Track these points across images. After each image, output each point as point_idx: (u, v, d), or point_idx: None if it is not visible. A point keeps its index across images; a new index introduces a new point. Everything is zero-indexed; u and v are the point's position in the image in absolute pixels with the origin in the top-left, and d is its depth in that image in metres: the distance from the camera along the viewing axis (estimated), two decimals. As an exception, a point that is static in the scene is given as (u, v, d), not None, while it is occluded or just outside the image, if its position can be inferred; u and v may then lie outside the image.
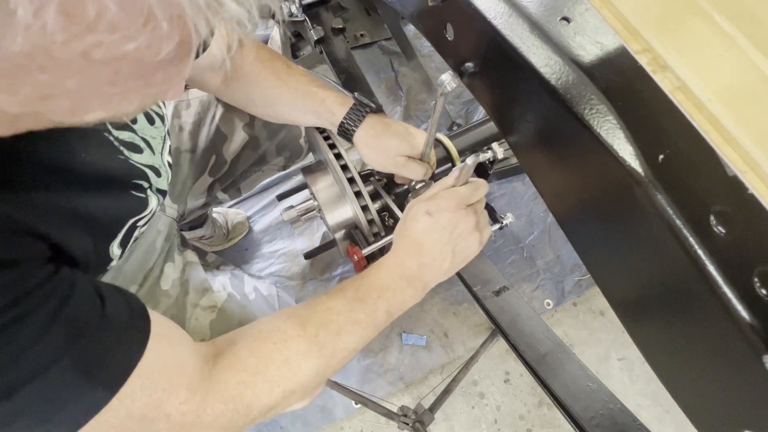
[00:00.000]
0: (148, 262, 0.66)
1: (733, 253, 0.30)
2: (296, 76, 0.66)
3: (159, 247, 0.69)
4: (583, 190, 0.43)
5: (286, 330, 0.50)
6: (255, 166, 0.89)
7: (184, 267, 0.72)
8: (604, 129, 0.36)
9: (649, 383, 1.19)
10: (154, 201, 0.53)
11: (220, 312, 0.70)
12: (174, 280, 0.69)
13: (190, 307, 0.69)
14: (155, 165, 0.54)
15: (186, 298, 0.69)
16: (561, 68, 0.39)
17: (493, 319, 0.80)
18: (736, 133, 0.33)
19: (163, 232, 0.71)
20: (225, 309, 0.70)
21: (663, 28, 0.39)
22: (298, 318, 0.52)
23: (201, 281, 0.72)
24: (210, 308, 0.70)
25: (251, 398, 0.45)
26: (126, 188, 0.49)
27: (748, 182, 0.31)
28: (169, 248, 0.72)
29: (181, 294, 0.69)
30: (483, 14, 0.44)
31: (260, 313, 0.74)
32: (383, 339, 1.22)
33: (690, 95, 0.35)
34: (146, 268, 0.66)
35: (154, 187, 0.54)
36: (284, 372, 0.48)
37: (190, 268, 0.73)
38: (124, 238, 0.51)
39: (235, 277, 0.77)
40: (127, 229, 0.50)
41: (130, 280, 0.63)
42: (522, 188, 1.42)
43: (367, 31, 1.58)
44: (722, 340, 0.32)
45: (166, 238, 0.72)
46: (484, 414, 1.16)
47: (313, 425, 1.13)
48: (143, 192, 0.51)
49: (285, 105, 0.67)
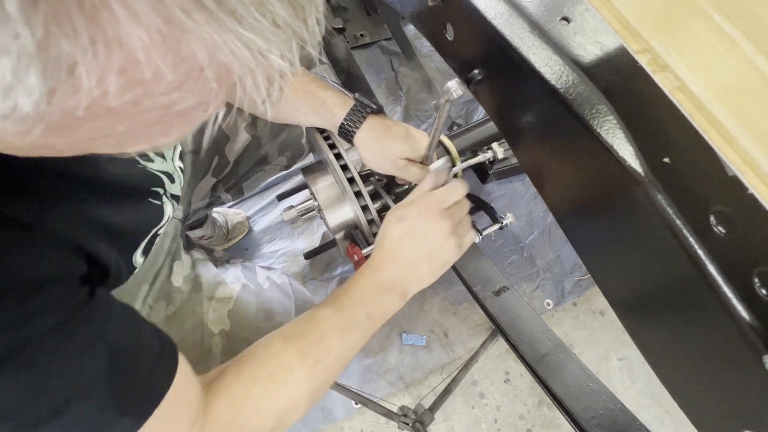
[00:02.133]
0: (156, 262, 0.66)
1: (733, 253, 0.30)
2: (298, 77, 0.65)
3: (167, 248, 0.69)
4: (583, 190, 0.43)
5: (268, 347, 0.50)
6: (257, 166, 0.89)
7: (193, 263, 0.73)
8: (604, 129, 0.36)
9: (649, 383, 1.19)
10: (170, 208, 0.53)
11: (236, 302, 0.70)
12: (185, 277, 0.69)
13: (206, 301, 0.69)
14: (168, 171, 0.54)
15: (200, 293, 0.69)
16: (561, 68, 0.39)
17: (493, 319, 0.80)
18: (736, 133, 0.33)
19: (170, 233, 0.71)
20: (241, 299, 0.70)
21: (663, 28, 0.39)
22: (281, 334, 0.52)
23: (213, 275, 0.72)
24: (226, 299, 0.70)
25: (243, 423, 0.45)
26: (144, 197, 0.49)
27: (748, 182, 0.31)
28: (176, 248, 0.72)
29: (193, 289, 0.69)
30: (483, 14, 0.44)
31: (276, 299, 0.74)
32: (383, 339, 1.22)
33: (690, 95, 0.35)
34: (156, 268, 0.66)
35: (169, 193, 0.54)
36: (271, 389, 0.47)
37: (199, 264, 0.73)
38: (147, 246, 0.51)
39: (247, 268, 0.77)
40: (149, 238, 0.51)
41: (141, 279, 0.63)
42: (522, 188, 1.42)
43: (367, 31, 1.58)
44: (722, 340, 0.32)
45: (172, 239, 0.72)
46: (484, 414, 1.16)
47: (313, 425, 1.13)
48: (159, 199, 0.52)
49: (286, 105, 0.67)
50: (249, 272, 0.76)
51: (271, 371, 0.48)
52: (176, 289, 0.67)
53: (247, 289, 0.72)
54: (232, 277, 0.73)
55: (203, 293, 0.69)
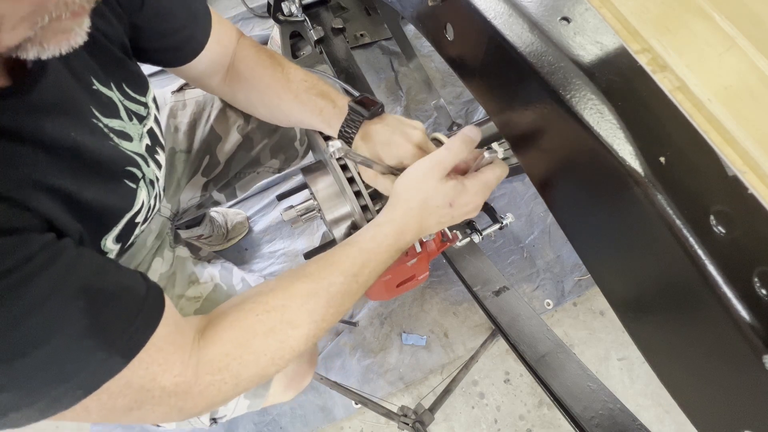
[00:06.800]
0: (136, 257, 0.67)
1: (733, 253, 0.30)
2: (296, 83, 0.65)
3: (149, 244, 0.70)
4: (583, 190, 0.43)
5: (268, 302, 0.50)
6: (249, 167, 0.89)
7: (173, 262, 0.73)
8: (604, 129, 0.36)
9: (649, 383, 1.19)
10: (144, 193, 0.53)
11: (205, 302, 0.70)
12: (161, 274, 0.70)
13: (176, 299, 0.69)
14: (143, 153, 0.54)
15: (172, 290, 0.70)
16: (561, 68, 0.39)
17: (493, 319, 0.80)
18: (736, 133, 0.33)
19: (155, 230, 0.71)
20: (210, 299, 0.71)
21: (663, 28, 0.39)
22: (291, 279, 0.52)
23: (188, 274, 0.73)
24: (195, 298, 0.70)
25: (238, 369, 0.46)
26: (118, 177, 0.49)
27: (748, 182, 0.31)
28: (160, 245, 0.73)
29: (168, 286, 0.70)
30: (483, 14, 0.44)
31: None
32: (383, 339, 1.22)
33: (690, 95, 0.35)
34: (134, 264, 0.67)
35: (147, 178, 0.54)
36: (269, 342, 0.48)
37: (178, 262, 0.74)
38: (122, 233, 0.51)
39: (224, 269, 0.77)
40: (124, 225, 0.50)
41: None
42: (522, 188, 1.42)
43: (367, 31, 1.58)
44: (722, 340, 0.32)
45: (157, 236, 0.72)
46: (484, 414, 1.16)
47: (313, 425, 1.13)
48: (135, 182, 0.51)
49: (284, 113, 0.68)
50: (226, 272, 0.76)
51: (272, 325, 0.48)
52: None
53: (219, 290, 0.72)
54: (207, 276, 0.74)
55: (175, 290, 0.70)
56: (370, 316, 1.25)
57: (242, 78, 0.66)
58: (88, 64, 0.47)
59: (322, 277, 0.52)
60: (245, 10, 1.68)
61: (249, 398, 0.69)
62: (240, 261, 1.31)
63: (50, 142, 0.39)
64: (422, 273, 0.77)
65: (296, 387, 0.74)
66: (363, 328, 1.24)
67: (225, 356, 0.46)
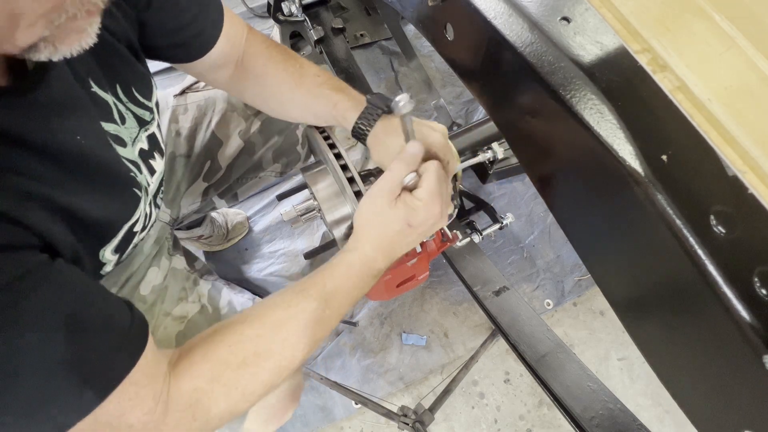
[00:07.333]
0: (133, 265, 0.66)
1: (733, 253, 0.30)
2: (310, 77, 0.64)
3: (147, 250, 0.69)
4: (583, 190, 0.43)
5: (243, 331, 0.49)
6: (251, 172, 0.88)
7: (167, 274, 0.72)
8: (604, 129, 0.36)
9: (649, 383, 1.19)
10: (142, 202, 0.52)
11: (188, 324, 0.69)
12: (154, 286, 0.69)
13: (162, 316, 0.68)
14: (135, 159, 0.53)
15: (161, 306, 0.68)
16: (561, 68, 0.39)
17: (493, 319, 0.80)
18: (736, 133, 0.33)
19: (154, 235, 0.70)
20: (194, 321, 0.69)
21: (663, 28, 0.39)
22: (259, 313, 0.50)
23: (178, 290, 0.71)
24: (180, 319, 0.69)
25: (208, 404, 0.45)
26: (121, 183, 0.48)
27: (748, 182, 0.31)
28: (158, 251, 0.71)
29: (158, 301, 0.68)
30: (483, 14, 0.45)
31: None
32: (383, 339, 1.22)
33: (690, 95, 0.35)
34: (130, 272, 0.65)
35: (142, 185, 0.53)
36: (240, 374, 0.46)
37: (172, 275, 0.72)
38: (121, 244, 0.50)
39: (214, 288, 0.76)
40: (123, 235, 0.49)
41: (111, 282, 0.62)
42: (522, 188, 1.42)
43: (367, 31, 1.58)
44: (722, 340, 0.32)
45: (155, 242, 0.71)
46: (484, 414, 1.16)
47: (313, 425, 1.13)
48: (140, 189, 0.51)
49: (297, 107, 0.67)
50: (215, 292, 0.75)
51: (244, 357, 0.47)
52: (141, 297, 0.66)
53: (204, 312, 0.71)
54: (195, 296, 0.72)
55: (163, 307, 0.68)
56: (370, 316, 1.25)
57: (253, 73, 0.65)
58: (87, 64, 0.46)
59: (294, 304, 0.50)
60: (245, 10, 1.68)
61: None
62: (240, 261, 1.31)
63: (56, 145, 0.38)
64: (422, 273, 0.77)
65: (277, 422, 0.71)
66: (363, 328, 1.24)
67: (195, 391, 0.44)
